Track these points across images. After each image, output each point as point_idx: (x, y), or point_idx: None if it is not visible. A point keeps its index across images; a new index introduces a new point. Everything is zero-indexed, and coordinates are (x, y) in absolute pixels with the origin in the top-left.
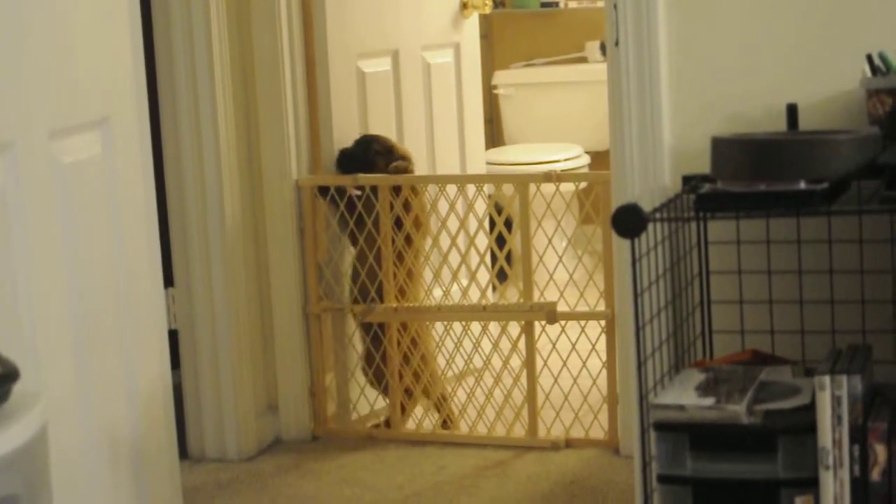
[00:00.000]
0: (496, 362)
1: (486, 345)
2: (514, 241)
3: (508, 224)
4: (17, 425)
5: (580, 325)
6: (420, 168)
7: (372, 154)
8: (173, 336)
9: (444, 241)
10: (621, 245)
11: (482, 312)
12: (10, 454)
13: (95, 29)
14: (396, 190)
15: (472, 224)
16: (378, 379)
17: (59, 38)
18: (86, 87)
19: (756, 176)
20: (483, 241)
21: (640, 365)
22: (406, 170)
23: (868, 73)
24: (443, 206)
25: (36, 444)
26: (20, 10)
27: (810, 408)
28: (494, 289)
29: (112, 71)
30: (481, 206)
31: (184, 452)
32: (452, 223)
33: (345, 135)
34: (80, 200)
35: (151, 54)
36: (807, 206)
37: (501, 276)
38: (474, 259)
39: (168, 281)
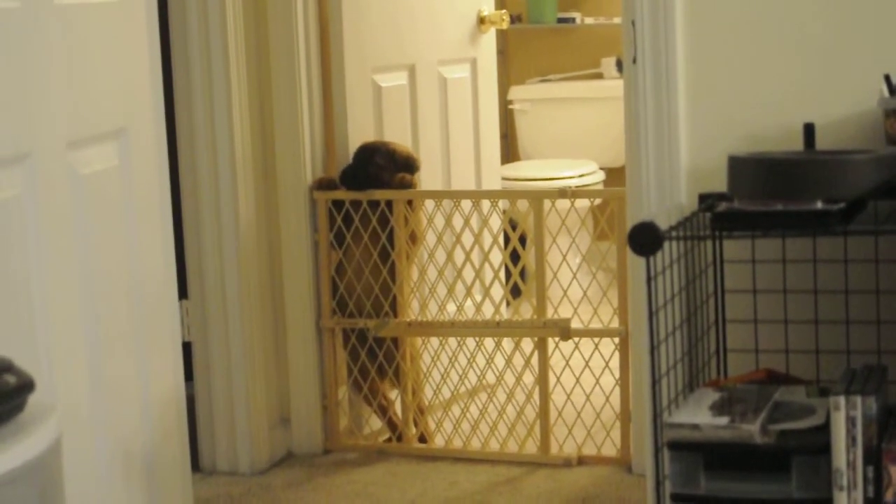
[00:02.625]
0: (509, 378)
1: (500, 360)
2: (529, 257)
3: (523, 240)
4: (33, 437)
5: (594, 342)
6: (435, 183)
7: (376, 169)
8: (187, 348)
9: (459, 257)
10: (636, 262)
11: (495, 328)
12: (25, 465)
13: (113, 41)
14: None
15: (487, 239)
16: (372, 395)
17: (77, 49)
18: (103, 98)
19: (773, 195)
20: (497, 256)
21: (655, 383)
22: (412, 183)
23: (886, 93)
24: (457, 222)
25: (51, 455)
26: (38, 22)
27: (825, 428)
28: (508, 304)
29: (129, 82)
30: (496, 222)
31: (196, 465)
32: (467, 238)
33: None
34: (97, 211)
35: (169, 66)
36: (823, 226)
37: (515, 291)
38: (488, 274)
39: (182, 293)
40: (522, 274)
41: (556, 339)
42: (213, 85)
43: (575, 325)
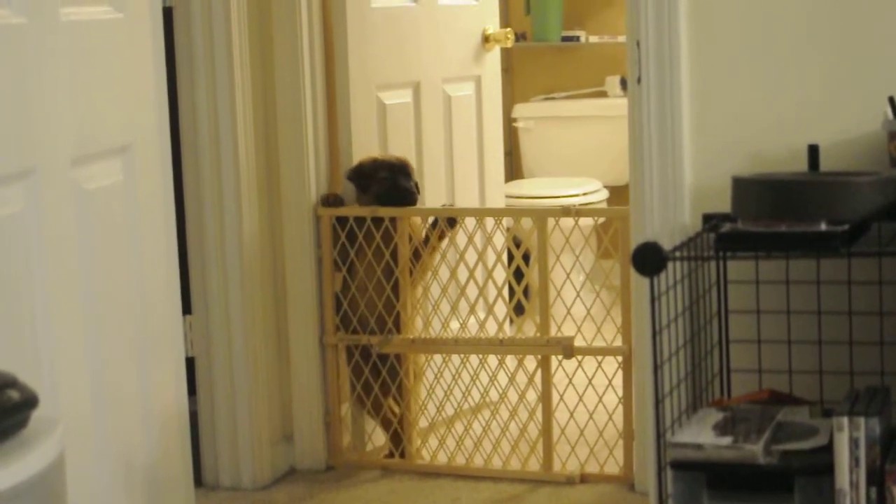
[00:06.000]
0: (512, 396)
1: (503, 378)
2: (532, 275)
3: (526, 258)
4: (36, 452)
5: (597, 361)
6: (439, 200)
7: (412, 187)
8: (190, 363)
9: (462, 274)
10: (640, 281)
11: (499, 346)
12: (29, 481)
13: (118, 57)
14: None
15: (491, 257)
16: (376, 409)
17: (82, 65)
18: (108, 114)
19: (776, 216)
20: (501, 274)
21: (658, 402)
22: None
23: (890, 115)
24: (461, 239)
25: (54, 471)
26: (44, 38)
27: (828, 449)
28: (511, 322)
29: (134, 99)
30: (500, 240)
31: (198, 480)
32: (471, 256)
33: None
34: (101, 227)
35: (173, 82)
36: (827, 248)
37: (519, 309)
38: (492, 292)
39: (186, 308)
40: (526, 292)
41: (560, 356)
42: (218, 101)
43: (578, 343)
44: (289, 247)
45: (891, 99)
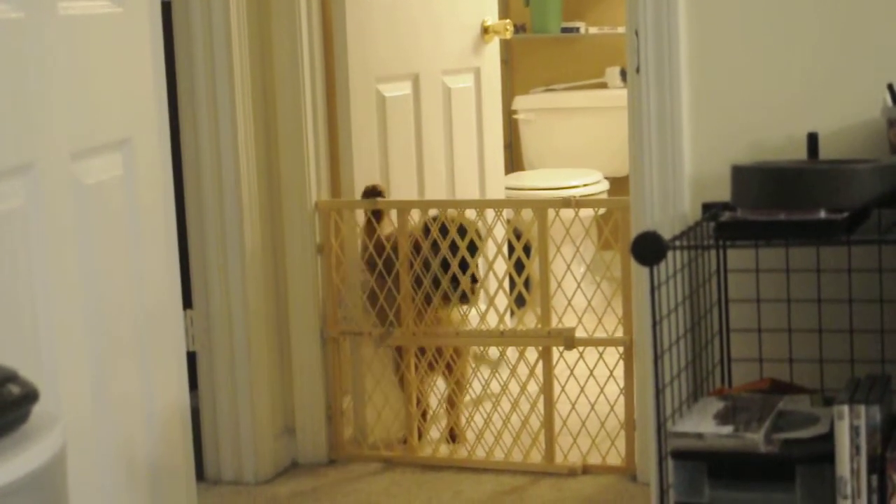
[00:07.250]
0: (514, 388)
1: (504, 370)
2: (533, 267)
3: (527, 249)
4: (37, 447)
5: (598, 351)
6: (439, 192)
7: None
8: (191, 358)
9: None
10: (640, 271)
11: (500, 338)
12: (29, 475)
13: (117, 51)
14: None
15: (491, 249)
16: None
17: (81, 59)
18: (107, 108)
19: (776, 204)
20: (502, 266)
21: (659, 392)
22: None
23: (889, 102)
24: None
25: (55, 465)
26: (42, 32)
27: (829, 437)
28: (512, 314)
29: (133, 92)
30: (500, 231)
31: (200, 474)
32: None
33: (364, 158)
34: (101, 221)
35: (173, 76)
36: (826, 236)
37: (520, 301)
38: (493, 284)
39: (187, 303)
40: (527, 283)
41: (561, 348)
42: (217, 94)
43: (579, 334)
44: (289, 239)
45: (890, 86)
